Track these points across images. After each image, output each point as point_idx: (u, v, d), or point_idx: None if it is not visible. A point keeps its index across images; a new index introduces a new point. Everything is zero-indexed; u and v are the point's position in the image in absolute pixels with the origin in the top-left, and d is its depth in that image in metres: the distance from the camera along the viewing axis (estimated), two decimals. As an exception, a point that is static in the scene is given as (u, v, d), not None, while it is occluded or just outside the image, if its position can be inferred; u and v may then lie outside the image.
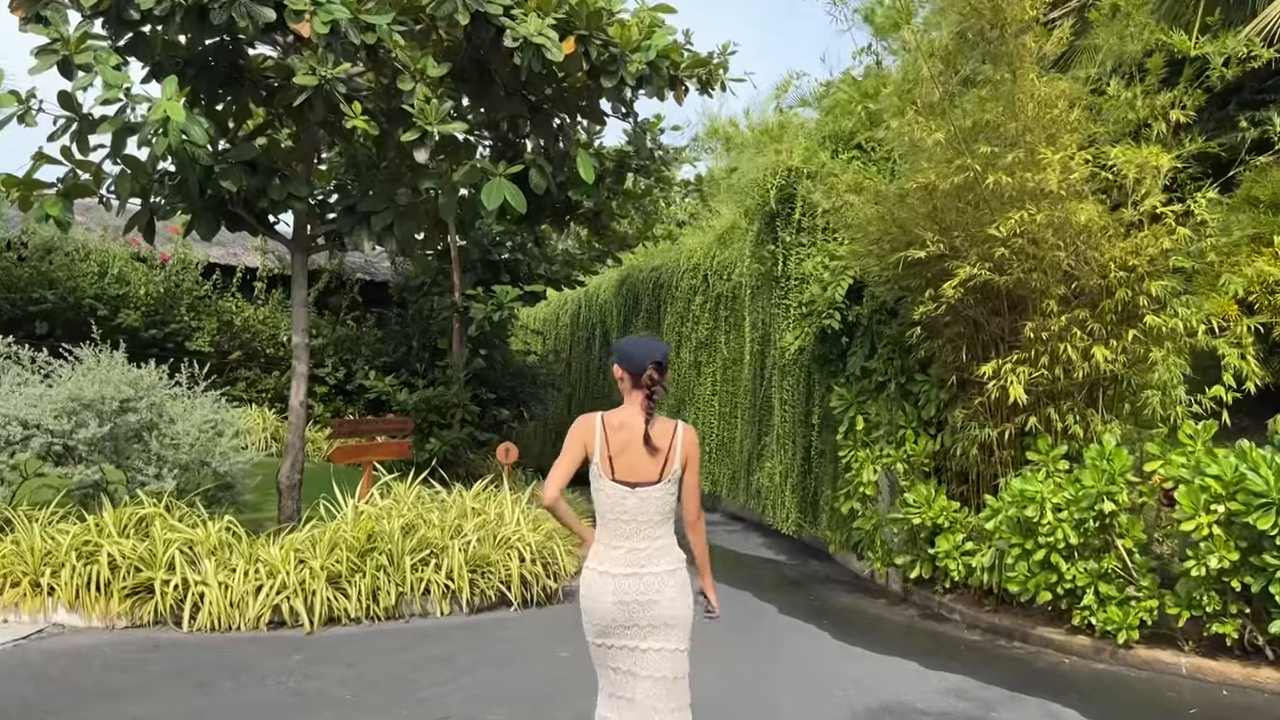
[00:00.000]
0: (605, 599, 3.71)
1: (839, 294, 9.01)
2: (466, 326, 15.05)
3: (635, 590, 3.70)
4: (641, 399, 3.78)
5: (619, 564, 3.72)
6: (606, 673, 3.80)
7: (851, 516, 9.30)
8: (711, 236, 15.46)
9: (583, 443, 3.83)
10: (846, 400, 9.10)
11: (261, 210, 9.64)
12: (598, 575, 3.76)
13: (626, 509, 3.74)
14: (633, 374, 3.79)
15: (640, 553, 3.72)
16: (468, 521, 8.78)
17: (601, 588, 3.73)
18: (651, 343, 3.91)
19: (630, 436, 3.78)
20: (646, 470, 3.76)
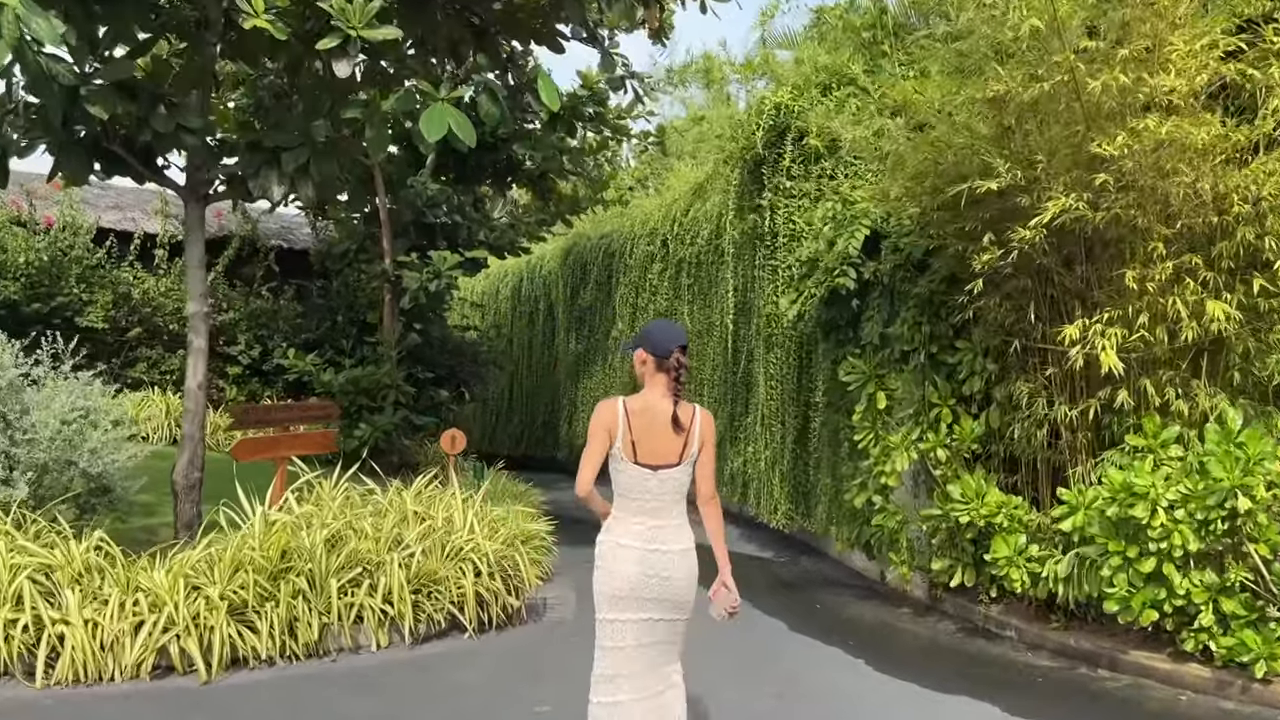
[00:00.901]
0: (629, 568, 3.73)
1: (853, 246, 7.35)
2: (399, 298, 13.11)
3: (658, 565, 3.75)
4: (668, 383, 3.81)
5: (640, 538, 3.75)
6: (610, 654, 3.79)
7: (866, 511, 7.67)
8: (670, 198, 13.73)
9: (607, 429, 3.77)
10: (862, 374, 7.46)
11: (144, 147, 7.64)
12: (619, 547, 3.77)
13: (649, 489, 3.77)
14: (658, 358, 3.81)
15: (661, 530, 3.78)
16: (409, 529, 6.96)
17: (624, 557, 3.75)
18: (674, 327, 3.98)
19: (652, 420, 3.77)
20: (668, 453, 3.78)
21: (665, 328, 3.93)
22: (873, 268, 7.46)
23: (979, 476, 6.58)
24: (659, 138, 12.61)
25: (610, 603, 3.78)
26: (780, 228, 9.12)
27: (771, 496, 9.59)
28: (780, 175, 9.12)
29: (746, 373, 10.84)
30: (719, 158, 9.97)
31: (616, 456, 3.77)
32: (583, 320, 16.44)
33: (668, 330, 3.88)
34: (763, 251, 9.40)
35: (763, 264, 9.42)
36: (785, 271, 9.13)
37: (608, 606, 3.79)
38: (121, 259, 13.89)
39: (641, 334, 3.90)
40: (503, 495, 10.39)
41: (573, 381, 16.71)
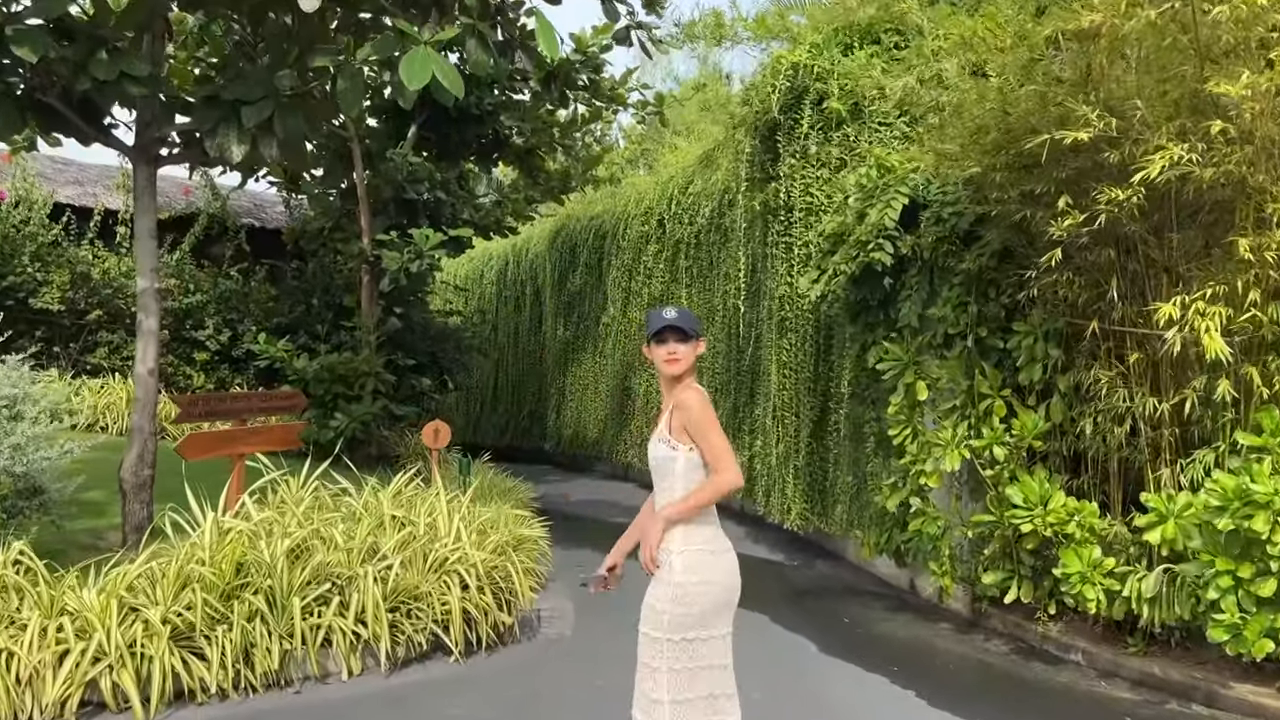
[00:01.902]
0: (724, 579, 3.38)
1: (890, 217, 6.40)
2: (378, 280, 12.06)
3: (734, 566, 3.45)
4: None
5: (718, 540, 3.44)
6: (677, 677, 3.31)
7: (899, 514, 6.74)
8: (667, 175, 12.74)
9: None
10: (899, 360, 6.51)
11: (84, 100, 6.59)
12: (711, 555, 3.38)
13: None
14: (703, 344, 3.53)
15: (721, 527, 3.50)
16: (386, 536, 5.97)
17: (719, 566, 3.37)
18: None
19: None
20: None
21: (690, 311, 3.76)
22: (911, 241, 6.50)
23: (1041, 478, 5.65)
24: (658, 107, 11.64)
25: (694, 622, 3.33)
26: (797, 200, 8.16)
27: (784, 495, 8.64)
28: (797, 143, 8.15)
29: (754, 360, 9.89)
30: (730, 123, 8.97)
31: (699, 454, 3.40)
32: (572, 306, 15.44)
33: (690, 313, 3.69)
34: (776, 227, 8.43)
35: (776, 241, 8.45)
36: (802, 249, 8.18)
37: (688, 627, 3.32)
38: (81, 236, 12.76)
39: (698, 322, 3.59)
40: (490, 491, 9.40)
41: (561, 370, 15.71)
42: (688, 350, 3.38)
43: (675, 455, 3.38)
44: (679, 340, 3.36)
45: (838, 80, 7.91)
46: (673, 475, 3.39)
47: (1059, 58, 4.94)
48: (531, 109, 11.84)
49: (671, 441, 3.39)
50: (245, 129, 6.51)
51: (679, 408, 3.36)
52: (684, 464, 3.37)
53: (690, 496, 3.35)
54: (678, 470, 3.38)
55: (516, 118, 11.75)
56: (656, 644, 3.31)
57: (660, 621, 3.31)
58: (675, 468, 3.38)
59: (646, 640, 3.36)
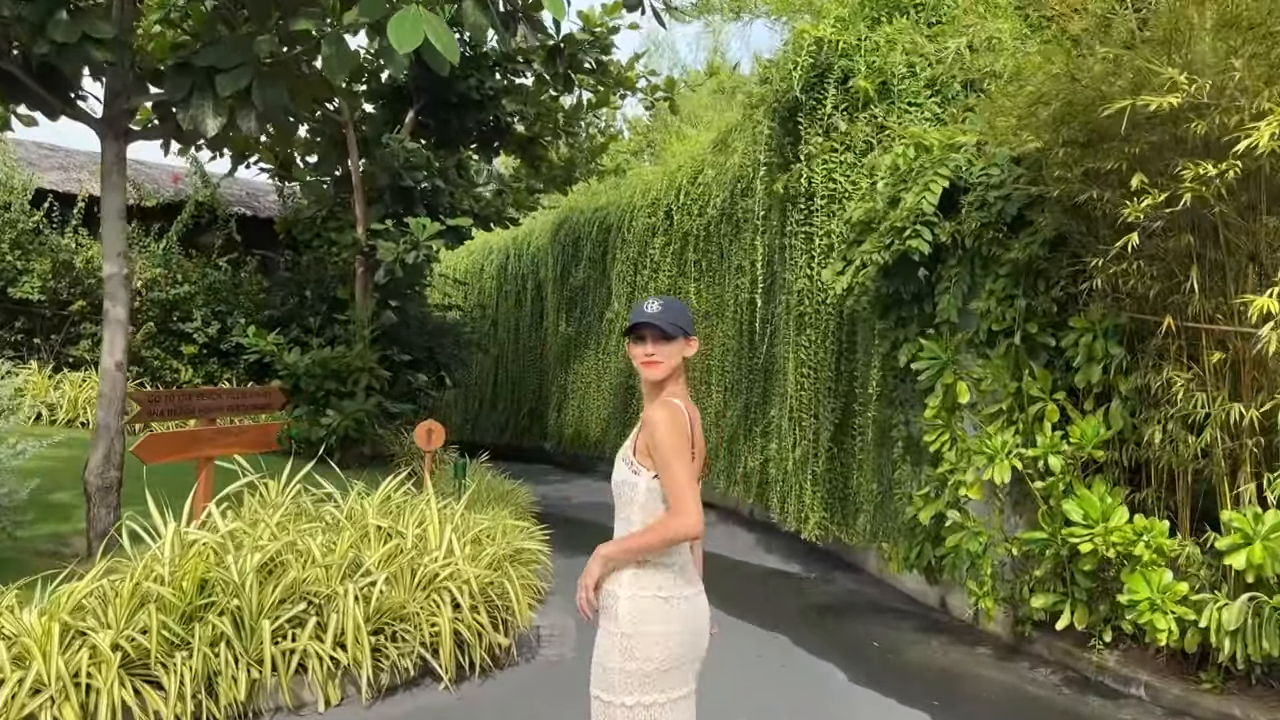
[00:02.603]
0: (681, 628, 2.74)
1: (929, 201, 5.75)
2: (373, 271, 11.43)
3: (694, 615, 2.81)
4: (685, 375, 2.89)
5: (679, 582, 2.78)
6: None
7: (933, 527, 6.10)
8: (675, 164, 12.09)
9: (689, 441, 2.73)
10: (937, 359, 5.86)
11: (45, 66, 5.95)
12: (661, 602, 2.73)
13: None
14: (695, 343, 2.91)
15: (687, 568, 2.84)
16: (371, 549, 5.33)
17: (675, 614, 2.73)
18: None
19: (697, 426, 2.83)
20: (700, 464, 2.86)
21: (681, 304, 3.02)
22: (950, 228, 5.86)
23: (1101, 492, 5.01)
24: (668, 92, 10.98)
25: (642, 684, 2.72)
26: (819, 186, 7.52)
27: (801, 502, 8.00)
28: (819, 125, 7.51)
29: (768, 358, 9.25)
30: (747, 103, 8.32)
31: None
32: (574, 301, 14.80)
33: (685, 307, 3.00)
34: (795, 215, 7.79)
35: (795, 230, 7.81)
36: (824, 239, 7.54)
37: (638, 689, 2.72)
38: (64, 224, 12.12)
39: (690, 317, 2.94)
40: (487, 495, 8.76)
41: (562, 367, 15.07)
42: (671, 351, 2.79)
43: (637, 481, 2.77)
44: (659, 339, 2.79)
45: (864, 57, 7.27)
46: (632, 504, 2.80)
47: (1140, 14, 4.31)
48: (535, 94, 11.19)
49: (634, 464, 2.79)
50: (221, 99, 5.89)
51: (645, 424, 2.75)
52: (645, 492, 2.76)
53: (632, 537, 2.75)
54: (638, 498, 2.78)
55: (519, 102, 11.11)
56: (609, 711, 2.72)
57: (610, 682, 2.72)
58: (636, 495, 2.78)
59: (598, 706, 2.75)
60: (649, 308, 2.84)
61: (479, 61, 11.19)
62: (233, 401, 5.63)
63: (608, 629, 2.75)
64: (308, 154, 12.22)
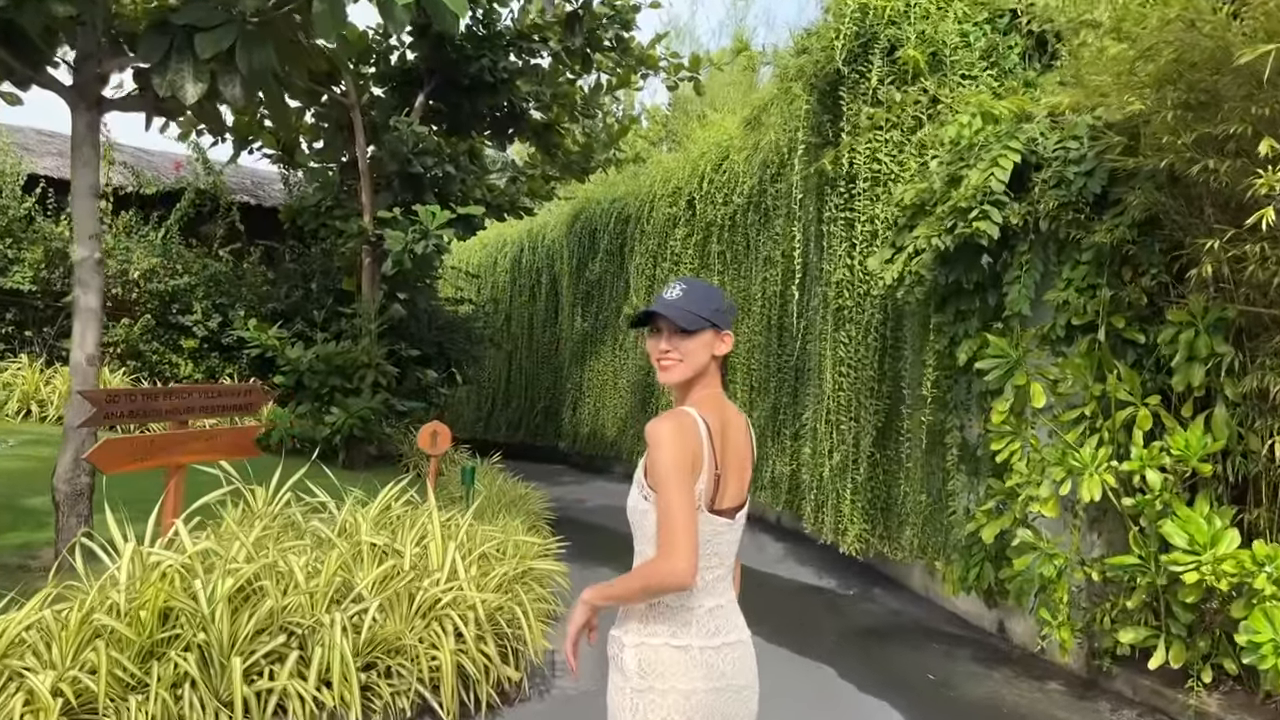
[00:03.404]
0: (703, 686, 2.15)
1: (998, 178, 5.01)
2: (380, 262, 10.75)
3: (729, 670, 2.21)
4: (718, 374, 2.28)
5: (705, 630, 2.20)
6: None
7: (998, 546, 5.36)
8: (698, 151, 11.35)
9: (694, 460, 2.13)
10: (1006, 357, 5.11)
11: (6, 26, 5.26)
12: (676, 653, 2.16)
13: (719, 550, 2.24)
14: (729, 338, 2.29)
15: (722, 611, 2.26)
16: (363, 570, 4.62)
17: (693, 669, 2.15)
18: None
19: (737, 437, 2.27)
20: (740, 484, 2.27)
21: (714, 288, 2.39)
22: (1021, 210, 5.11)
23: (1205, 512, 4.26)
24: (692, 71, 10.24)
25: None
26: (861, 168, 6.78)
27: (838, 512, 7.26)
28: (862, 100, 6.77)
29: (801, 356, 8.51)
30: (783, 76, 7.57)
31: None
32: (590, 295, 14.09)
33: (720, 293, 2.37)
34: (835, 200, 7.05)
35: (834, 216, 7.07)
36: (866, 225, 6.80)
37: None
38: (59, 211, 11.47)
39: (726, 306, 2.30)
40: (498, 501, 8.07)
41: (578, 364, 14.36)
42: (694, 348, 2.21)
43: (648, 509, 2.20)
44: (677, 334, 2.21)
45: (914, 24, 6.52)
46: (645, 536, 2.24)
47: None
48: (551, 75, 10.47)
49: (645, 487, 2.21)
50: (201, 61, 5.19)
51: (647, 438, 2.16)
52: (655, 523, 2.16)
53: (615, 582, 2.21)
54: (648, 530, 2.21)
55: (534, 83, 10.38)
56: None
57: None
58: (647, 526, 2.21)
59: None
60: (668, 293, 2.26)
61: (493, 41, 10.49)
62: (206, 401, 4.94)
63: (616, 682, 2.25)
64: (314, 140, 11.54)
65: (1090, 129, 4.80)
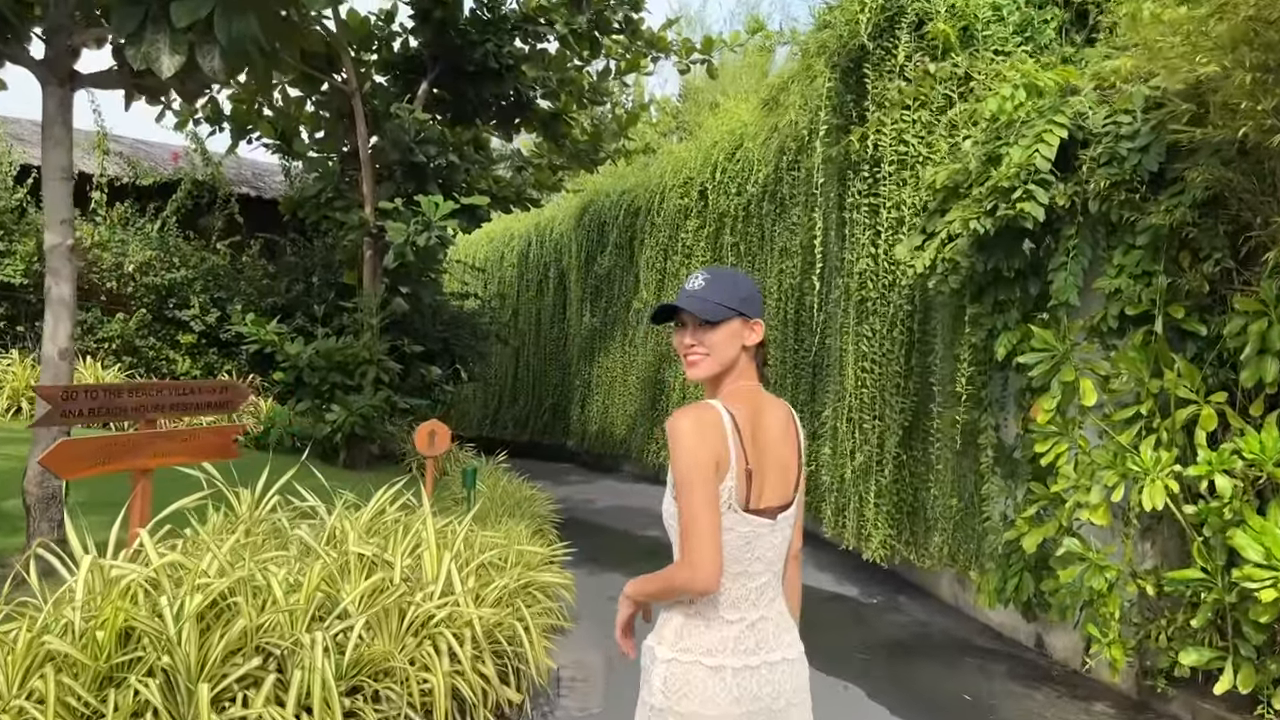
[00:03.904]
0: (721, 710, 1.94)
1: (1043, 154, 4.55)
2: (382, 255, 10.34)
3: (766, 692, 1.99)
4: (755, 367, 2.10)
5: (741, 648, 1.99)
6: None
7: (1041, 557, 4.91)
8: (710, 140, 10.91)
9: (715, 458, 1.93)
10: (1052, 350, 4.66)
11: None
12: (708, 673, 1.96)
13: (759, 554, 2.02)
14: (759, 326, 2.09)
15: (765, 625, 2.03)
16: (350, 584, 4.19)
17: (716, 692, 1.95)
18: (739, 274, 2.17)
19: (772, 432, 2.05)
20: (784, 483, 2.07)
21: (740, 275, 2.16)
22: (1068, 190, 4.65)
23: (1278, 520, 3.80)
24: (705, 53, 9.79)
25: None
26: (886, 151, 6.33)
27: (861, 516, 6.82)
28: (888, 78, 6.31)
29: (820, 351, 8.07)
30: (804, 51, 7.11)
31: (724, 504, 1.99)
32: (599, 290, 13.65)
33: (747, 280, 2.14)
34: (858, 185, 6.60)
35: (857, 202, 6.62)
36: (892, 212, 6.35)
37: None
38: (51, 203, 11.07)
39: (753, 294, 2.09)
40: (502, 504, 7.65)
41: (586, 360, 13.93)
42: (719, 341, 2.04)
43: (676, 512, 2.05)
44: (701, 327, 2.05)
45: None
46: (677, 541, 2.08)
47: None
48: (558, 60, 10.03)
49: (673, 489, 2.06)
50: (178, 32, 4.77)
51: (667, 436, 2.02)
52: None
53: (651, 578, 2.07)
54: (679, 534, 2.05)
55: (541, 68, 9.94)
56: None
57: None
58: (677, 530, 2.04)
59: None
60: (690, 284, 2.09)
61: (497, 25, 10.06)
62: (178, 399, 4.50)
63: (642, 697, 2.07)
64: (315, 129, 11.13)
65: (1147, 99, 4.34)
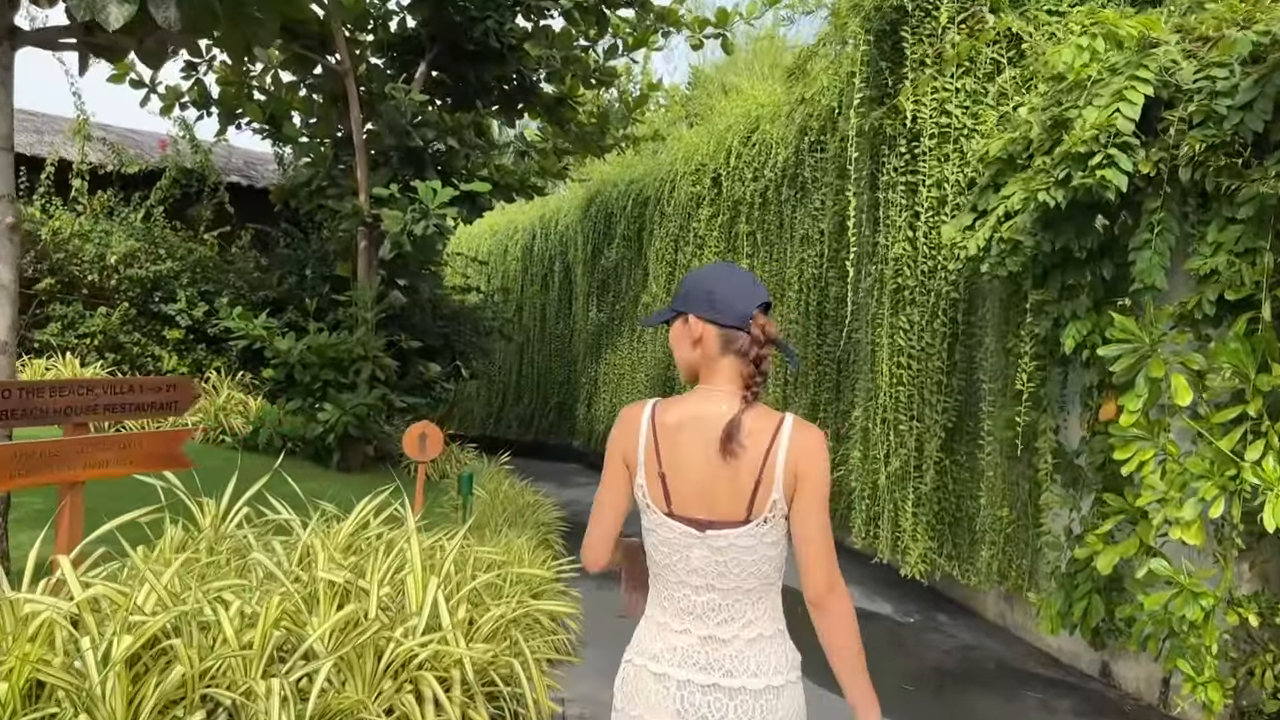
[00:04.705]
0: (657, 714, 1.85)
1: (1125, 116, 3.86)
2: (377, 245, 9.67)
3: (716, 716, 1.83)
4: (741, 372, 1.89)
5: (690, 661, 1.86)
6: None
7: (1116, 578, 4.23)
8: (725, 124, 10.22)
9: (624, 454, 1.93)
10: (1135, 342, 3.97)
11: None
12: (649, 676, 1.88)
13: (692, 565, 1.88)
14: (726, 328, 1.88)
15: (720, 646, 1.87)
16: (319, 616, 3.52)
17: (652, 697, 1.86)
18: (743, 275, 1.93)
19: (696, 438, 1.87)
20: (725, 499, 1.85)
21: (732, 277, 1.91)
22: (1155, 156, 3.96)
23: None
24: (720, 27, 9.08)
25: None
26: (926, 123, 5.64)
27: (897, 527, 6.13)
28: (928, 43, 5.63)
29: (846, 346, 7.38)
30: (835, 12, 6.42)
31: (642, 502, 1.93)
32: (606, 284, 12.97)
33: (737, 281, 1.90)
34: (894, 162, 5.91)
35: (892, 181, 5.94)
36: (932, 190, 5.67)
37: None
38: (30, 191, 10.42)
39: (690, 290, 1.93)
40: (502, 511, 6.99)
41: (593, 357, 13.25)
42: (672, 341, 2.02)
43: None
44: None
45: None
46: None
47: None
48: (562, 37, 9.35)
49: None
50: (127, -21, 4.10)
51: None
52: None
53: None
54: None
55: (544, 47, 9.26)
56: None
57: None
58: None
59: None
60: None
61: (498, 2, 9.37)
62: (115, 399, 3.81)
63: None
64: (308, 114, 10.46)
65: (1255, 45, 3.65)
